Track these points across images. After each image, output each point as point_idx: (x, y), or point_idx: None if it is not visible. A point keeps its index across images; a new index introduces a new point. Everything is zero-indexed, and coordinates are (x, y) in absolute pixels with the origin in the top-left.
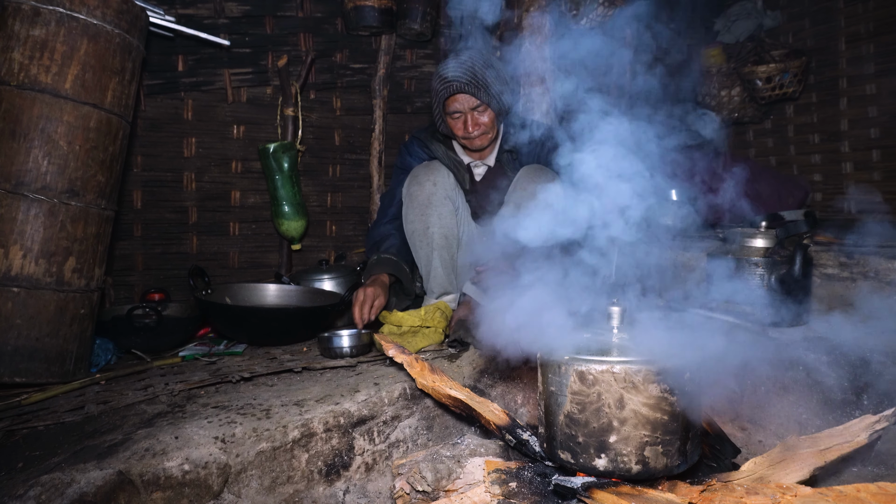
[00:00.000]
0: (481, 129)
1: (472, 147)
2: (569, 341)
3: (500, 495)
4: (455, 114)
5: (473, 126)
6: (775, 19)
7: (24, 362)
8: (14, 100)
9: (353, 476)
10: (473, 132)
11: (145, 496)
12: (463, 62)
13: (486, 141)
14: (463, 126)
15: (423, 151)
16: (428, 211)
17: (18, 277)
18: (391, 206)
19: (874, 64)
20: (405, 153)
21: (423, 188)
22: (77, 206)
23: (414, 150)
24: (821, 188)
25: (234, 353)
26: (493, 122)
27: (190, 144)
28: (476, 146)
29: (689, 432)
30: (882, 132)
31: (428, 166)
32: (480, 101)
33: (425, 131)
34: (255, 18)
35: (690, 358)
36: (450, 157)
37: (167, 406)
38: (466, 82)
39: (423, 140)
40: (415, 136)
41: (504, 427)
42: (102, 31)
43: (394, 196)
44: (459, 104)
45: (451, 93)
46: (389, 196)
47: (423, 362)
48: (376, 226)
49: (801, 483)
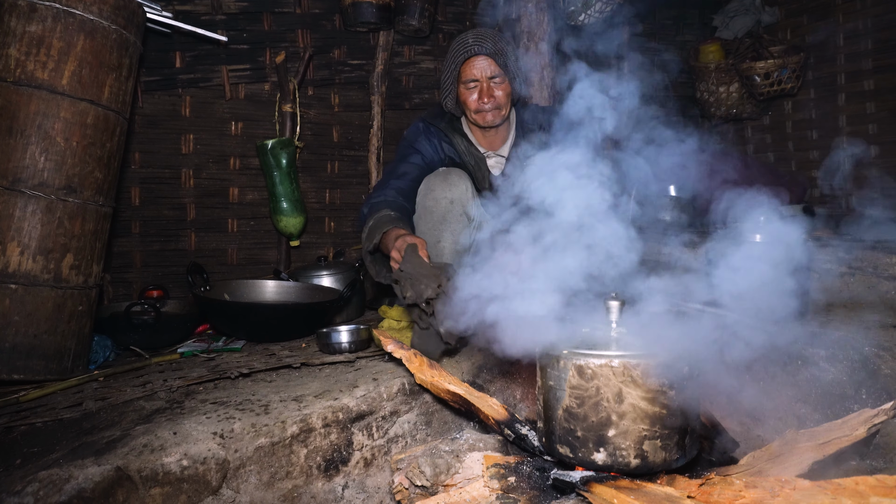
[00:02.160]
0: (495, 103)
1: (483, 122)
2: (567, 335)
3: (499, 490)
4: (471, 82)
5: (488, 97)
6: (773, 15)
7: (22, 359)
8: (10, 96)
9: (351, 471)
10: (487, 104)
11: (144, 492)
12: (485, 31)
13: (497, 118)
14: (478, 96)
15: (444, 143)
16: (441, 227)
17: (16, 274)
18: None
19: (872, 60)
20: (421, 136)
21: (438, 204)
22: (75, 203)
23: (432, 138)
24: (819, 184)
25: (233, 350)
26: (508, 98)
27: (188, 141)
28: (487, 121)
29: (688, 426)
30: (880, 128)
31: (446, 178)
32: (499, 70)
33: (442, 119)
34: (253, 15)
35: (689, 352)
36: (471, 152)
37: (165, 402)
38: (488, 47)
39: (444, 131)
40: (433, 124)
41: (503, 422)
42: (99, 27)
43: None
44: (478, 71)
45: (471, 54)
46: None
47: (421, 357)
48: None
49: (799, 477)
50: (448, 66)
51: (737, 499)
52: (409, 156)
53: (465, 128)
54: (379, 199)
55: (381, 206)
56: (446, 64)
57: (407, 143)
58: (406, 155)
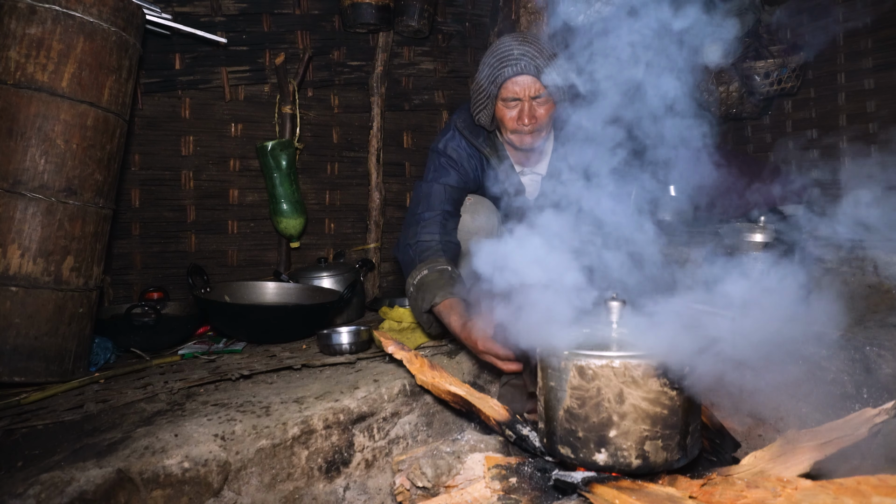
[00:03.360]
0: (535, 125)
1: (520, 145)
2: (568, 336)
3: (501, 490)
4: (511, 100)
5: (529, 118)
6: (773, 14)
7: (22, 361)
8: (10, 98)
9: (353, 473)
10: (527, 126)
11: (145, 494)
12: (531, 39)
13: (537, 141)
14: (517, 116)
15: (482, 164)
16: (462, 262)
17: (16, 276)
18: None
19: (872, 59)
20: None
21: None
22: (75, 205)
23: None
24: (819, 183)
25: (234, 351)
26: (550, 119)
27: (188, 143)
28: (525, 144)
29: (689, 426)
30: (880, 127)
31: (473, 215)
32: (544, 89)
33: (480, 133)
34: (252, 16)
35: (690, 352)
36: (509, 176)
37: (167, 404)
38: (536, 63)
39: (482, 151)
40: (473, 143)
41: (504, 423)
42: (99, 28)
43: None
44: (520, 88)
45: (517, 72)
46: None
47: (422, 359)
48: (425, 224)
49: (801, 476)
50: (485, 78)
51: (738, 499)
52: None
53: (501, 142)
54: (426, 239)
55: (430, 253)
56: (483, 74)
57: (445, 155)
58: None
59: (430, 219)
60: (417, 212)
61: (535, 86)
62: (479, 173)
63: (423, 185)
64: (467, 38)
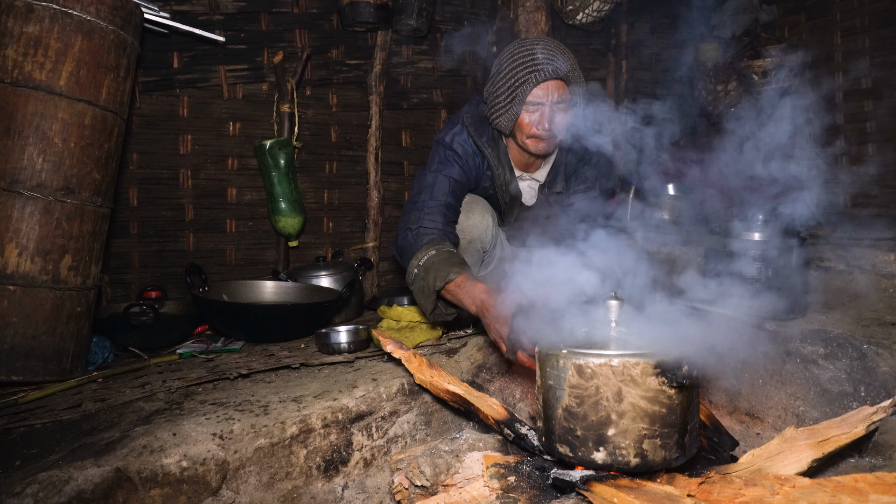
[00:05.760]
0: (552, 132)
1: (535, 150)
2: (567, 335)
3: (499, 489)
4: (534, 105)
5: (550, 123)
6: (771, 14)
7: (20, 360)
8: (8, 97)
9: (351, 472)
10: (546, 130)
11: (143, 493)
12: (554, 44)
13: (550, 148)
14: (538, 120)
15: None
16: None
17: (14, 275)
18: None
19: (870, 58)
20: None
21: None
22: (73, 204)
23: (478, 158)
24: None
25: (232, 351)
26: (567, 124)
27: (186, 141)
28: (539, 150)
29: (688, 425)
30: (878, 126)
31: (468, 214)
32: (568, 96)
33: (485, 133)
34: (251, 15)
35: (688, 351)
36: (508, 183)
37: (165, 403)
38: (563, 68)
39: (488, 155)
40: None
41: (502, 421)
42: (97, 27)
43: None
44: (544, 93)
45: (546, 77)
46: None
47: (421, 357)
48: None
49: (799, 474)
50: (507, 82)
51: (736, 497)
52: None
53: (506, 146)
54: (429, 226)
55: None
56: (503, 77)
57: (450, 149)
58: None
59: (433, 208)
60: (420, 199)
61: (560, 90)
62: (480, 172)
63: (426, 174)
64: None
